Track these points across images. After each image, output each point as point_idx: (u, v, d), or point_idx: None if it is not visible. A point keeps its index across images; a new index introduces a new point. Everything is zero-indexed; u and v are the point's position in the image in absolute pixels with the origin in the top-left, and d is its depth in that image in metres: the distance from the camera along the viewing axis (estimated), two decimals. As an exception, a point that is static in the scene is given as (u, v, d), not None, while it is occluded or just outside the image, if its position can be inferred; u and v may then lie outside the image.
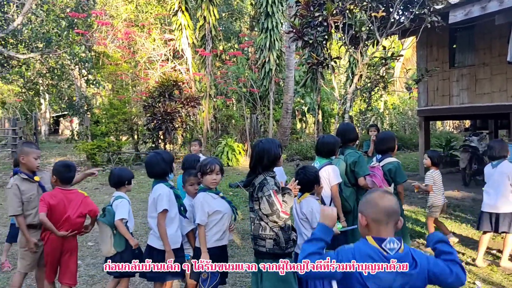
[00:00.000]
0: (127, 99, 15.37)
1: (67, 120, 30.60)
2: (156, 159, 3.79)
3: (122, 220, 3.78)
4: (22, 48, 12.63)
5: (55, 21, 11.80)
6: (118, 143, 14.96)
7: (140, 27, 17.09)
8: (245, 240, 6.30)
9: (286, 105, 15.21)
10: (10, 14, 11.97)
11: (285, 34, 14.48)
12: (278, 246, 3.28)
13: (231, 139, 15.12)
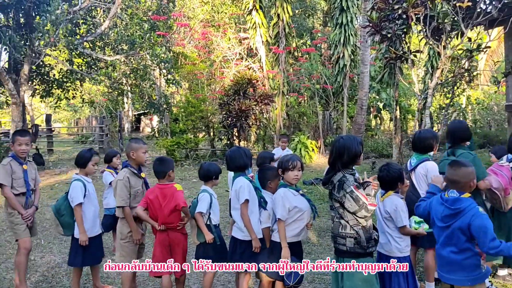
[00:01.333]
0: (204, 98, 15.88)
1: (147, 118, 32.26)
2: (238, 152, 4.00)
3: (202, 214, 3.89)
4: (108, 51, 13.53)
5: (139, 24, 12.47)
6: (195, 140, 15.52)
7: (216, 27, 17.57)
8: (322, 238, 6.27)
9: (361, 101, 14.85)
10: (98, 18, 12.85)
11: (360, 29, 14.15)
12: (359, 245, 3.23)
13: (304, 136, 15.08)
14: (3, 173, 4.21)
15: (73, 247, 4.24)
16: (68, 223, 4.16)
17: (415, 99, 20.89)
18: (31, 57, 11.79)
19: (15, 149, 4.30)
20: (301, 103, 18.35)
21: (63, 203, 4.17)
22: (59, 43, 10.76)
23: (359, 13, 16.65)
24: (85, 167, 4.30)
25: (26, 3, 11.13)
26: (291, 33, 17.10)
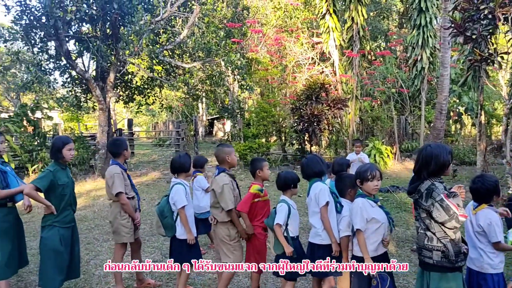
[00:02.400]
0: (276, 103, 16.01)
1: (220, 122, 33.12)
2: (315, 159, 4.03)
3: (280, 225, 3.85)
4: (186, 58, 14.08)
5: (215, 32, 12.87)
6: (267, 144, 15.67)
7: (289, 32, 17.64)
8: (401, 248, 6.05)
9: (440, 105, 14.13)
10: (177, 28, 13.42)
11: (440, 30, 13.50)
12: (447, 259, 3.08)
13: (379, 142, 14.65)
14: (119, 181, 4.47)
15: (176, 247, 4.39)
16: (170, 225, 4.32)
17: (499, 103, 19.52)
18: (116, 66, 12.58)
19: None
20: (373, 108, 17.88)
21: (165, 205, 4.33)
22: (142, 52, 11.38)
23: (438, 14, 15.91)
24: (188, 171, 4.48)
25: (112, 15, 11.91)
26: (365, 36, 16.75)
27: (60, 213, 4.13)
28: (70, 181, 4.28)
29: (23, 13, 11.77)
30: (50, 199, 4.07)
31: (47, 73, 13.51)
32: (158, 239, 6.61)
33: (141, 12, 11.17)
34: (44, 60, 13.23)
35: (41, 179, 4.02)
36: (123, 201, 4.51)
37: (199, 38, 13.05)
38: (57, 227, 4.11)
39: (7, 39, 12.30)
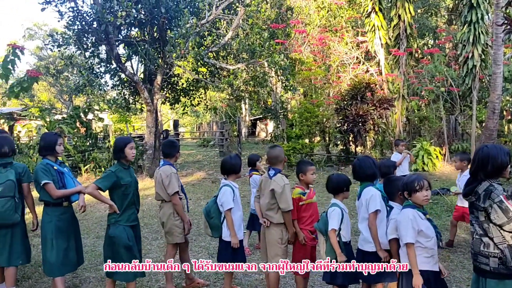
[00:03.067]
0: (319, 103, 15.88)
1: (262, 123, 33.24)
2: (368, 161, 3.90)
3: (334, 230, 3.77)
4: (231, 60, 14.23)
5: (259, 33, 12.93)
6: (310, 145, 15.57)
7: (333, 32, 17.45)
8: (453, 253, 5.84)
9: (493, 104, 13.49)
10: (222, 30, 13.59)
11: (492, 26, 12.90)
12: (505, 266, 2.96)
13: (427, 142, 14.22)
14: (175, 181, 4.57)
15: (222, 248, 4.42)
16: (216, 225, 4.37)
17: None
18: (164, 68, 12.90)
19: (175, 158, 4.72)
20: (421, 107, 17.34)
21: (212, 205, 4.38)
22: (188, 55, 11.60)
23: (490, 10, 15.23)
24: (238, 173, 4.49)
25: (160, 19, 12.22)
26: (412, 34, 16.27)
27: (124, 211, 4.21)
28: (133, 181, 4.34)
29: (76, 18, 12.31)
30: (113, 198, 4.19)
31: (98, 76, 14.07)
32: (205, 238, 6.72)
33: (187, 16, 11.40)
34: (95, 63, 13.77)
35: (103, 179, 4.14)
36: (176, 201, 4.59)
37: (243, 40, 13.15)
38: (122, 225, 4.19)
39: (60, 44, 12.89)
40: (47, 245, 4.38)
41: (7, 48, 12.47)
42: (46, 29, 27.27)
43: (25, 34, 27.50)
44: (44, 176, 4.34)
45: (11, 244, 4.39)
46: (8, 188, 4.27)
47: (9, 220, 4.30)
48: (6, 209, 4.23)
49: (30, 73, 12.39)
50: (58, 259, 4.36)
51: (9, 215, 4.27)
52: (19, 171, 4.47)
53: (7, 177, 4.30)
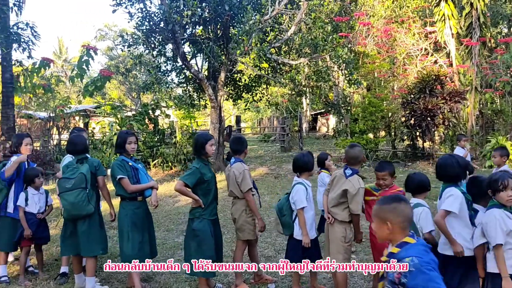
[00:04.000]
0: (385, 97, 15.40)
1: (324, 118, 32.83)
2: (450, 161, 3.67)
3: (430, 232, 3.60)
4: (293, 55, 14.15)
5: (321, 27, 12.73)
6: (375, 140, 15.16)
7: (399, 23, 16.81)
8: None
9: None
10: (284, 25, 13.53)
11: None
12: None
13: (503, 137, 13.34)
14: (248, 177, 4.60)
15: (293, 246, 4.39)
16: (288, 223, 4.35)
17: None
18: (227, 65, 13.08)
19: (244, 154, 4.73)
20: (495, 100, 16.29)
21: (285, 203, 4.37)
22: (251, 51, 11.68)
23: None
24: (311, 171, 4.43)
25: (223, 17, 12.40)
26: (485, 22, 15.31)
27: (208, 206, 4.36)
28: (213, 176, 4.49)
29: (144, 19, 12.81)
30: (197, 194, 4.33)
31: (165, 74, 14.55)
32: (271, 234, 6.74)
33: (250, 12, 11.46)
34: (162, 62, 14.25)
35: (189, 176, 4.29)
36: (250, 198, 4.60)
37: (306, 34, 13.01)
38: (206, 219, 4.35)
39: (130, 44, 13.46)
40: (124, 237, 4.60)
41: (81, 49, 13.25)
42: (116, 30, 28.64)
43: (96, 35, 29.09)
44: (119, 171, 4.56)
45: (89, 234, 4.63)
46: (79, 180, 4.51)
47: (83, 211, 4.52)
48: (79, 200, 4.47)
49: (103, 72, 13.07)
50: (133, 251, 4.55)
51: (82, 205, 4.49)
52: (94, 165, 4.71)
53: (79, 171, 4.55)
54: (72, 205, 4.45)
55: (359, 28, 15.40)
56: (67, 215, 4.54)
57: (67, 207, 4.48)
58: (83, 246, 4.61)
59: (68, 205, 4.46)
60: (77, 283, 4.80)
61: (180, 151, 14.10)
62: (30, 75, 12.54)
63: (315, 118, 35.12)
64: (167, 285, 4.94)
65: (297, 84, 13.81)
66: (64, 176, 4.54)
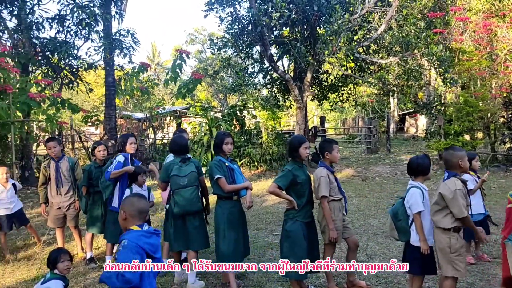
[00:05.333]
0: (483, 96, 14.33)
1: (412, 118, 31.37)
2: None
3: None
4: (383, 54, 13.70)
5: (414, 24, 12.17)
6: (472, 142, 14.17)
7: (500, 17, 15.54)
8: None
9: None
10: (374, 23, 13.16)
11: None
12: None
13: None
14: (324, 184, 4.51)
15: (411, 253, 4.19)
16: (404, 229, 4.17)
17: None
18: (314, 66, 13.02)
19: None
20: None
21: (400, 207, 4.20)
22: (340, 51, 11.52)
23: None
24: (427, 174, 4.21)
25: (311, 17, 12.35)
26: None
27: (301, 208, 4.40)
28: (307, 178, 4.49)
29: (234, 22, 13.18)
30: (290, 196, 4.40)
31: (252, 76, 14.85)
32: (362, 238, 6.59)
33: (339, 12, 11.30)
34: (249, 64, 14.57)
35: (281, 178, 4.35)
36: (324, 205, 4.54)
37: (397, 32, 12.53)
38: (299, 221, 4.40)
39: (220, 47, 13.93)
40: (220, 235, 4.78)
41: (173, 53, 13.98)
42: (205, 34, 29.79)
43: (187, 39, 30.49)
44: (217, 171, 4.73)
45: (200, 230, 4.92)
46: (193, 178, 4.80)
47: (196, 207, 4.82)
48: (193, 197, 4.77)
49: (194, 75, 13.67)
50: (229, 249, 4.71)
51: (195, 202, 4.79)
52: (196, 165, 4.95)
53: (190, 169, 4.82)
54: (187, 201, 4.73)
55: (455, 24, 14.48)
56: (180, 211, 4.78)
57: (182, 202, 4.74)
58: (193, 241, 4.88)
59: (184, 200, 4.73)
60: (176, 277, 5.07)
61: (266, 151, 14.32)
62: (130, 78, 13.50)
63: (403, 118, 33.66)
64: (259, 284, 5.04)
65: (387, 83, 13.35)
66: (174, 174, 4.79)
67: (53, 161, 5.89)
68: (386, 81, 13.21)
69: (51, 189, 5.91)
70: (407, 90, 15.08)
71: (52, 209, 5.96)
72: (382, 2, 12.93)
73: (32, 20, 12.64)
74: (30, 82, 11.16)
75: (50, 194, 5.95)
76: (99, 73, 19.84)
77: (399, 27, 12.91)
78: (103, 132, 13.52)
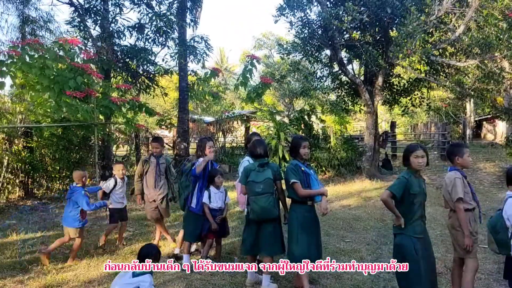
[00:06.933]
0: None
1: (490, 124, 29.55)
2: None
3: None
4: (460, 56, 13.06)
5: (495, 25, 11.49)
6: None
7: None
8: None
9: None
10: (451, 24, 12.58)
11: None
12: None
13: None
14: (460, 185, 4.25)
15: (510, 267, 4.03)
16: (504, 242, 3.99)
17: None
18: (386, 69, 12.70)
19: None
20: None
21: (498, 220, 4.04)
22: (415, 54, 11.15)
23: None
24: None
25: (384, 20, 12.07)
26: None
27: (411, 223, 4.07)
28: (422, 192, 4.12)
29: (304, 27, 13.20)
30: (401, 206, 4.09)
31: (321, 80, 14.77)
32: (438, 249, 6.34)
33: (414, 13, 10.95)
34: (318, 68, 14.52)
35: (396, 186, 4.05)
36: (459, 208, 4.24)
37: (476, 33, 11.89)
38: (408, 235, 4.07)
39: (289, 52, 14.01)
40: (292, 239, 4.78)
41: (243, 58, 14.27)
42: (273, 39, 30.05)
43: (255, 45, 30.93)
44: (293, 175, 4.76)
45: (272, 236, 4.93)
46: (267, 185, 4.82)
47: (272, 215, 4.84)
48: (268, 204, 4.78)
49: (263, 80, 13.84)
50: (302, 253, 4.71)
51: (271, 209, 4.80)
52: (274, 170, 5.00)
53: (265, 176, 4.85)
54: (262, 209, 4.77)
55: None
56: (255, 217, 4.85)
57: (257, 210, 4.79)
58: (264, 246, 4.93)
59: (259, 209, 4.78)
60: (249, 279, 5.16)
61: (333, 156, 14.16)
62: (202, 83, 13.95)
63: (479, 124, 31.80)
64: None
65: (464, 87, 12.71)
66: (251, 180, 4.86)
67: (153, 157, 6.45)
68: (463, 84, 12.58)
69: (147, 182, 6.39)
70: (486, 94, 14.26)
71: (147, 202, 6.44)
72: (460, 3, 12.34)
73: (114, 28, 13.46)
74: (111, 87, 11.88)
75: (146, 187, 6.42)
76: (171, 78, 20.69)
77: (479, 28, 12.24)
78: (176, 135, 14.08)
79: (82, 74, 9.96)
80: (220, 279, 5.28)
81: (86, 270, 5.67)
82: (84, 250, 6.41)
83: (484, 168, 15.72)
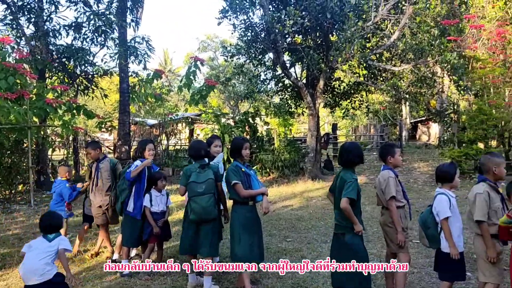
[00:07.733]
0: (498, 104, 14.23)
1: (424, 126, 31.20)
2: None
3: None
4: (396, 61, 13.71)
5: (427, 32, 12.18)
6: (486, 150, 14.05)
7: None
8: None
9: None
10: (386, 31, 13.17)
11: None
12: None
13: None
14: (393, 185, 4.37)
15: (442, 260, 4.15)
16: (434, 236, 4.15)
17: None
18: (326, 73, 13.06)
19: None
20: None
21: (428, 215, 4.18)
22: (353, 58, 11.56)
23: None
24: (452, 181, 4.18)
25: (325, 24, 12.43)
26: None
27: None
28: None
29: (247, 30, 13.29)
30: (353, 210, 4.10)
31: (265, 83, 14.93)
32: (375, 245, 6.58)
33: (352, 19, 11.35)
34: (262, 71, 14.67)
35: (352, 189, 4.02)
36: (393, 206, 4.38)
37: (410, 39, 12.54)
38: (358, 235, 4.11)
39: (233, 54, 14.05)
40: (235, 240, 4.78)
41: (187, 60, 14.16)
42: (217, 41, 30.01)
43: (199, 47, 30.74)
44: (234, 176, 4.76)
45: (210, 237, 4.90)
46: (209, 185, 4.80)
47: (211, 215, 4.82)
48: (209, 205, 4.76)
49: (208, 82, 13.79)
50: (244, 253, 4.72)
51: (211, 210, 4.79)
52: (215, 171, 4.98)
53: (207, 176, 4.83)
54: (203, 209, 4.73)
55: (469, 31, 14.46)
56: (196, 218, 4.79)
57: (198, 210, 4.74)
58: (203, 247, 4.89)
59: (200, 209, 4.73)
60: (190, 282, 5.09)
61: (277, 158, 14.34)
62: (144, 85, 13.67)
63: (415, 126, 33.50)
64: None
65: (400, 91, 13.34)
66: (192, 180, 4.80)
67: (95, 162, 6.19)
68: (399, 88, 13.20)
69: (91, 188, 6.15)
70: (420, 97, 15.05)
71: (94, 207, 6.14)
72: (395, 10, 12.96)
73: (49, 27, 12.88)
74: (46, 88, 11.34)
75: (90, 193, 6.16)
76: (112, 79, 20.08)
77: (413, 34, 12.91)
78: (117, 138, 13.67)
79: (14, 74, 9.48)
80: (161, 283, 5.18)
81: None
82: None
83: (418, 167, 16.55)
